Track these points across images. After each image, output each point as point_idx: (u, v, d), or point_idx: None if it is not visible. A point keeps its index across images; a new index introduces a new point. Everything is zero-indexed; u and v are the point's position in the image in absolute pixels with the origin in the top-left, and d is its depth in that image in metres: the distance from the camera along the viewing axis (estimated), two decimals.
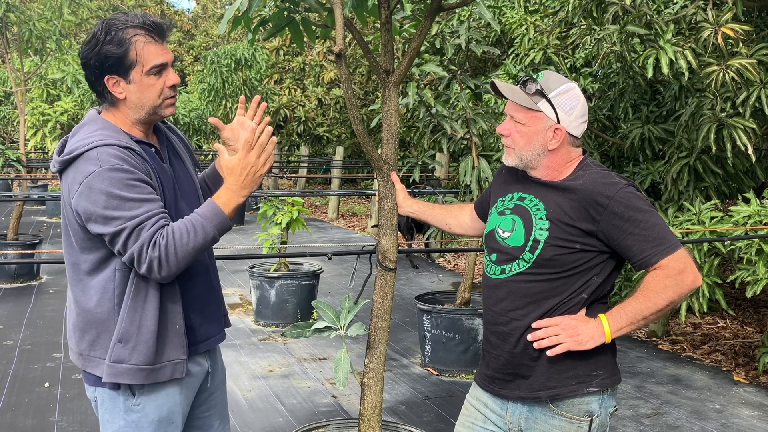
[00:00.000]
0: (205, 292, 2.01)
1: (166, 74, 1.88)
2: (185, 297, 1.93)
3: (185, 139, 2.16)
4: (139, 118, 1.90)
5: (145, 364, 1.86)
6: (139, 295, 1.84)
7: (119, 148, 1.79)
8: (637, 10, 4.52)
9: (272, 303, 6.19)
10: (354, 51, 13.51)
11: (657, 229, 1.86)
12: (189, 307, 1.95)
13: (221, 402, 2.18)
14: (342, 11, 2.23)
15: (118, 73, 1.84)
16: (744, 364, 5.35)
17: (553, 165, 1.98)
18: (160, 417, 1.93)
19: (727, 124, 4.50)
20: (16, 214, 8.04)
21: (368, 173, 14.25)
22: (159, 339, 1.87)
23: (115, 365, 1.85)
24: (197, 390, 2.06)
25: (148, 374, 1.87)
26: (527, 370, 1.95)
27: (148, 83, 1.86)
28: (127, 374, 1.86)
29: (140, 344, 1.85)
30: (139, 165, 1.81)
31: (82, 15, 11.08)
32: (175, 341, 1.91)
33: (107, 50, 1.82)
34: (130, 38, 1.83)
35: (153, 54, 1.85)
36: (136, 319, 1.85)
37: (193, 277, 1.96)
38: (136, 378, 1.86)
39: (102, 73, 1.85)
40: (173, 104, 1.94)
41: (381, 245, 2.59)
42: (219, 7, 26.63)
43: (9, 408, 4.22)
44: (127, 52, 1.82)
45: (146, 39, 1.84)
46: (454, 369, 4.98)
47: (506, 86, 1.99)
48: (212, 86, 12.64)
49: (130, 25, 1.83)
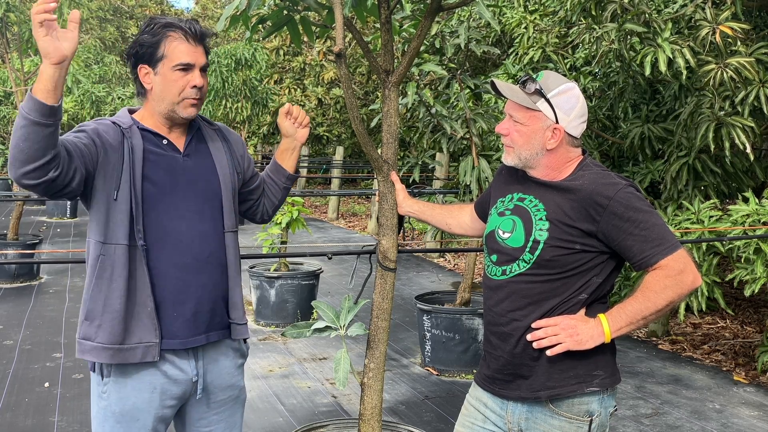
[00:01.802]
0: (183, 287, 1.97)
1: (192, 74, 1.96)
2: (156, 286, 1.93)
3: (231, 140, 2.18)
4: (160, 111, 1.99)
5: (111, 343, 1.88)
6: (104, 274, 1.90)
7: (107, 121, 1.97)
8: (636, 8, 4.52)
9: (272, 303, 6.19)
10: (354, 51, 13.51)
11: (657, 229, 1.86)
12: (158, 297, 1.94)
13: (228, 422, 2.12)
14: (342, 11, 2.23)
15: (149, 63, 1.96)
16: (744, 364, 5.35)
17: (552, 165, 1.98)
18: (123, 410, 1.94)
19: (726, 123, 4.51)
20: (16, 214, 8.04)
21: (368, 173, 14.25)
22: (128, 318, 1.90)
23: (83, 342, 1.92)
24: (181, 398, 2.02)
25: (114, 353, 1.89)
26: (527, 370, 1.95)
27: (172, 78, 1.95)
28: (93, 351, 1.90)
29: (105, 323, 1.89)
30: (103, 133, 1.91)
31: (82, 15, 11.10)
32: (147, 323, 1.91)
33: (143, 39, 1.95)
34: (166, 32, 1.95)
35: (182, 52, 1.95)
36: (101, 298, 1.89)
37: (166, 266, 1.95)
38: (101, 356, 1.89)
39: (137, 61, 1.98)
40: (194, 105, 1.99)
41: (381, 245, 2.59)
42: (219, 7, 26.63)
43: (9, 408, 4.22)
44: (159, 44, 1.94)
45: (179, 37, 1.95)
46: (454, 369, 4.99)
47: (506, 86, 1.99)
48: (212, 86, 12.63)
49: (168, 21, 1.96)
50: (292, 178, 2.33)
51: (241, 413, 2.19)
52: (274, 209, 2.35)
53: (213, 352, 2.08)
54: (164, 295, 1.95)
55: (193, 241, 1.98)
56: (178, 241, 1.96)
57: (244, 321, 2.13)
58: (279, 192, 2.33)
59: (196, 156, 2.05)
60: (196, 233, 1.99)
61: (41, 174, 1.72)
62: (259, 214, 2.32)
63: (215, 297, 2.04)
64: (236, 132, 3.60)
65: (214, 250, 2.03)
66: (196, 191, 2.01)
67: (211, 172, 2.06)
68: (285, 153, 2.32)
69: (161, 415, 1.99)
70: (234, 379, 2.14)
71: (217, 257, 2.04)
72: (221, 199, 2.06)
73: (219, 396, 2.10)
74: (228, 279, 2.07)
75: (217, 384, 2.09)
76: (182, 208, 1.98)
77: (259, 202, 2.30)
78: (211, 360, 2.07)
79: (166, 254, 1.95)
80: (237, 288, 2.11)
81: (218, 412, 2.10)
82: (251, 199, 2.28)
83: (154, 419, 1.97)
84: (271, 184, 2.32)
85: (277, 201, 2.34)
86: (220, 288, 2.06)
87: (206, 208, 2.03)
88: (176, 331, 1.97)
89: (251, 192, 2.26)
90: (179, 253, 1.96)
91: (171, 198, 1.97)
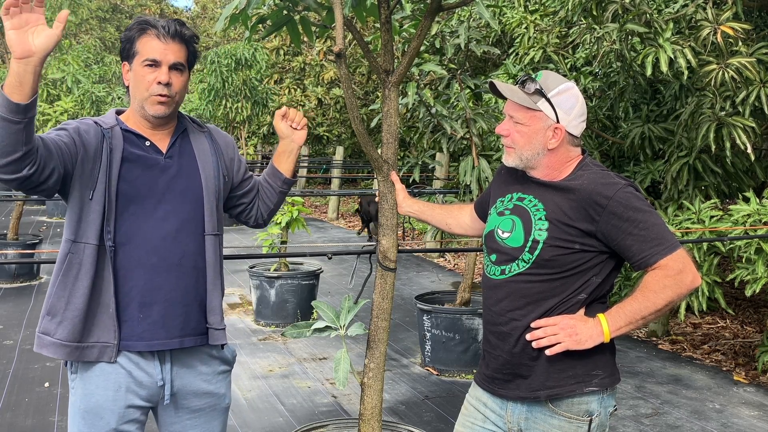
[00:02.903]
0: (150, 289, 1.94)
1: (160, 71, 1.95)
2: (121, 286, 1.92)
3: (220, 142, 2.15)
4: (136, 109, 2.01)
5: (69, 340, 1.90)
6: (71, 271, 1.90)
7: (90, 120, 1.97)
8: (637, 8, 4.52)
9: (272, 303, 6.19)
10: (354, 51, 13.51)
11: (656, 229, 1.86)
12: (124, 299, 1.93)
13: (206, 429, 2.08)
14: (341, 11, 2.23)
15: (127, 59, 2.00)
16: (744, 363, 5.35)
17: (552, 164, 1.98)
18: (87, 407, 1.94)
19: (727, 123, 4.50)
20: (16, 214, 8.04)
21: (368, 173, 14.25)
22: (88, 318, 1.90)
23: (42, 336, 1.93)
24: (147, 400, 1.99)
25: (72, 351, 1.90)
26: (526, 369, 1.95)
27: (141, 73, 1.96)
28: (51, 347, 1.92)
29: (66, 320, 1.90)
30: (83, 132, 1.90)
31: (82, 15, 11.09)
32: (108, 323, 1.91)
33: (124, 35, 2.00)
34: (140, 29, 1.97)
35: (152, 48, 1.96)
36: (65, 295, 1.90)
37: (133, 268, 1.93)
38: (58, 353, 1.91)
39: (121, 59, 2.02)
40: (162, 103, 1.96)
41: (381, 245, 2.59)
42: (219, 7, 26.62)
43: (9, 408, 4.22)
44: (134, 40, 1.97)
45: (153, 34, 1.96)
46: (454, 369, 4.98)
47: (505, 86, 1.99)
48: (212, 86, 12.63)
49: (146, 19, 1.98)
50: (289, 182, 2.26)
51: (222, 421, 2.13)
52: (270, 213, 2.28)
53: (186, 357, 2.02)
54: (131, 296, 1.93)
55: (163, 241, 1.94)
56: (146, 242, 1.93)
57: (222, 326, 2.05)
58: (275, 196, 2.26)
59: (179, 157, 2.02)
60: (168, 234, 1.95)
61: (14, 169, 1.70)
62: (253, 218, 2.26)
63: (188, 301, 1.99)
64: (235, 132, 3.59)
65: (189, 253, 1.98)
66: (175, 193, 1.98)
67: (194, 174, 2.03)
68: (282, 156, 2.26)
69: (127, 416, 1.96)
70: (212, 386, 2.07)
71: (192, 260, 1.98)
72: (202, 202, 2.02)
73: (194, 402, 2.05)
74: (206, 282, 2.01)
75: (190, 390, 2.04)
76: (158, 209, 1.95)
77: (252, 206, 2.24)
78: (184, 365, 2.02)
79: (134, 255, 1.93)
80: (216, 292, 2.04)
81: (192, 418, 2.05)
82: (243, 203, 2.23)
83: (118, 419, 1.94)
84: (267, 188, 2.25)
85: (272, 205, 2.27)
86: (195, 292, 2.00)
87: (185, 210, 1.99)
88: (142, 333, 1.94)
89: (244, 195, 2.21)
90: (146, 254, 1.93)
91: (147, 200, 1.94)
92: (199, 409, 2.06)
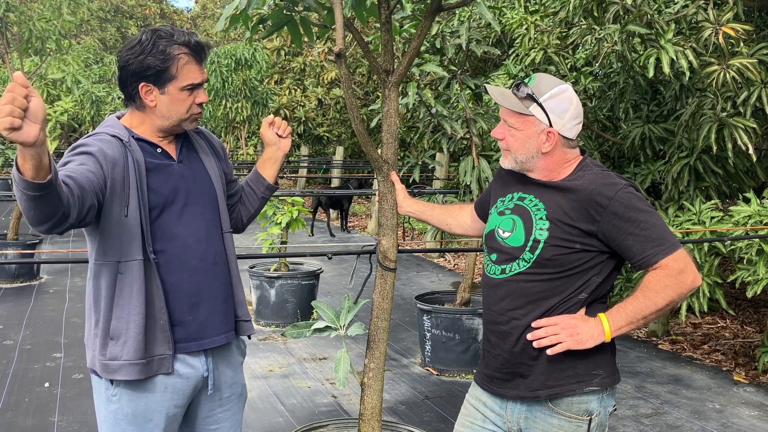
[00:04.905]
0: (196, 291, 2.00)
1: (198, 92, 2.00)
2: (169, 293, 1.96)
3: (215, 144, 2.22)
4: (162, 126, 2.00)
5: (137, 359, 1.90)
6: (123, 291, 1.91)
7: (107, 135, 1.93)
8: (638, 9, 4.52)
9: (272, 303, 6.19)
10: (354, 51, 13.51)
11: (657, 229, 1.86)
12: (174, 305, 1.97)
13: (233, 420, 2.15)
14: (342, 11, 2.22)
15: (156, 83, 1.95)
16: (744, 364, 5.34)
17: (549, 167, 1.98)
18: (136, 412, 1.95)
19: (728, 124, 4.50)
20: (16, 214, 8.04)
21: (368, 173, 14.25)
22: (146, 333, 1.92)
23: (111, 363, 1.92)
24: (191, 395, 2.04)
25: (141, 369, 1.91)
26: (526, 369, 1.95)
27: (180, 98, 1.97)
28: (123, 370, 1.91)
29: (130, 339, 1.90)
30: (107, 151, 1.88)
31: (82, 15, 11.10)
32: (160, 336, 1.94)
33: (151, 61, 1.92)
34: (176, 54, 1.94)
35: (191, 72, 1.97)
36: (124, 316, 1.91)
37: (177, 273, 1.97)
38: (132, 373, 1.91)
39: (139, 79, 1.95)
40: (197, 119, 2.05)
41: (381, 245, 2.59)
42: (219, 7, 26.62)
43: (9, 408, 4.22)
44: (170, 66, 1.94)
45: (188, 58, 1.96)
46: (454, 369, 4.98)
47: (497, 91, 1.99)
48: (212, 86, 12.64)
49: (176, 41, 1.94)
50: (272, 188, 2.32)
51: (242, 410, 2.22)
52: (249, 218, 2.34)
53: (221, 349, 2.10)
54: (180, 301, 1.98)
55: (198, 243, 2.01)
56: (185, 246, 1.99)
57: (249, 318, 2.17)
58: (257, 201, 2.32)
59: (188, 162, 2.08)
60: (201, 237, 2.03)
61: (58, 225, 1.71)
62: (233, 221, 2.28)
63: (225, 297, 2.08)
64: (235, 133, 3.61)
65: (219, 251, 2.07)
66: (195, 196, 2.04)
67: (205, 176, 2.09)
68: (267, 162, 2.32)
69: (173, 414, 2.01)
70: (238, 376, 2.17)
71: (221, 257, 2.08)
72: (217, 202, 2.10)
73: (225, 393, 2.13)
74: (231, 277, 2.11)
75: (224, 380, 2.12)
76: (184, 214, 2.00)
77: (233, 210, 2.29)
78: (220, 356, 2.10)
79: (176, 261, 1.97)
80: (239, 286, 2.14)
81: (225, 409, 2.13)
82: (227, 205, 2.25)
83: (167, 418, 1.99)
84: (249, 193, 2.31)
85: (253, 210, 2.32)
86: (227, 287, 2.10)
87: (207, 211, 2.06)
88: (192, 334, 2.00)
89: (229, 197, 2.25)
90: (187, 258, 1.99)
91: (173, 206, 1.99)
92: (230, 400, 2.14)
